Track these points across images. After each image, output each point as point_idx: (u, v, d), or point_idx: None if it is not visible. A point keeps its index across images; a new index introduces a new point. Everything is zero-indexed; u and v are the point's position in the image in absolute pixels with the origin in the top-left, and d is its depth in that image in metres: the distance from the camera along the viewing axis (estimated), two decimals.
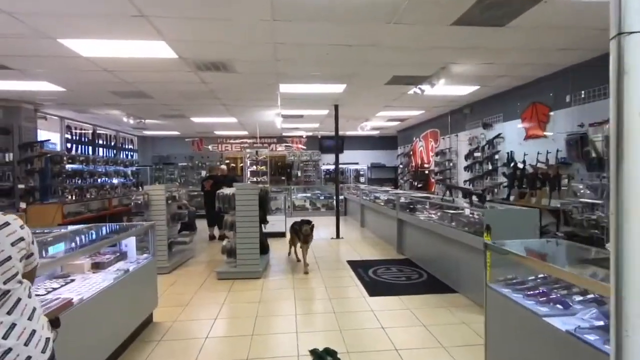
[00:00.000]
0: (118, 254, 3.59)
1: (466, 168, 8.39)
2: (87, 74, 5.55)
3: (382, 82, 6.30)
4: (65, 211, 6.67)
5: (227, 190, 5.48)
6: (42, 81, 5.97)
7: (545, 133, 6.01)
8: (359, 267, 5.74)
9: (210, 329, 3.62)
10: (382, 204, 8.12)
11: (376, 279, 5.17)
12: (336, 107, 8.36)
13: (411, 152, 12.38)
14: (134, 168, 12.97)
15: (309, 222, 5.83)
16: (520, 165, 6.38)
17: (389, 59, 5.08)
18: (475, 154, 8.01)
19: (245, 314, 3.97)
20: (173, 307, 4.21)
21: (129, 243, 3.73)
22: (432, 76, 5.81)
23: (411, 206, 6.65)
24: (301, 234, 5.70)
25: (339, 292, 4.66)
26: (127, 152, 12.94)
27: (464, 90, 6.99)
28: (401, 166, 13.53)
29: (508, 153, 6.92)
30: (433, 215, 5.71)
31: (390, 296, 4.44)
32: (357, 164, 15.31)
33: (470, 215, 4.87)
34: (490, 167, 7.49)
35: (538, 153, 5.98)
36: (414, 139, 12.12)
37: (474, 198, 5.00)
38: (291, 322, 3.75)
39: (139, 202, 5.41)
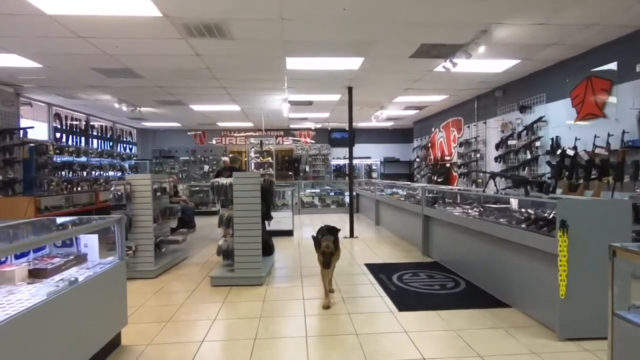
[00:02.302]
0: (72, 256, 2.72)
1: (497, 159, 7.40)
2: (60, 43, 4.71)
3: (407, 53, 5.35)
4: (41, 205, 5.84)
5: (223, 180, 4.60)
6: (11, 54, 5.14)
7: (604, 112, 5.01)
8: (381, 272, 4.81)
9: (194, 357, 2.73)
10: (403, 199, 7.18)
11: (403, 287, 4.24)
12: (350, 90, 7.43)
13: (429, 144, 11.38)
14: (132, 162, 12.25)
15: (332, 231, 3.99)
16: (571, 152, 5.38)
17: (421, 17, 4.13)
18: (510, 142, 7.01)
19: (241, 335, 3.07)
20: (151, 323, 3.33)
21: (90, 242, 2.86)
22: (468, 44, 4.84)
23: (440, 201, 5.70)
24: (319, 252, 3.76)
25: (360, 304, 3.73)
26: (125, 145, 12.22)
27: (501, 65, 6.00)
28: (417, 160, 12.53)
29: (552, 139, 5.92)
30: (470, 211, 4.75)
31: (424, 311, 3.51)
32: (369, 158, 14.38)
33: (523, 210, 3.91)
34: (528, 156, 6.49)
35: (595, 136, 4.98)
36: (433, 129, 11.12)
37: (531, 188, 4.04)
38: (301, 347, 2.84)
39: (119, 193, 4.55)
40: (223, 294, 4.08)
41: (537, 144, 6.23)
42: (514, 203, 4.36)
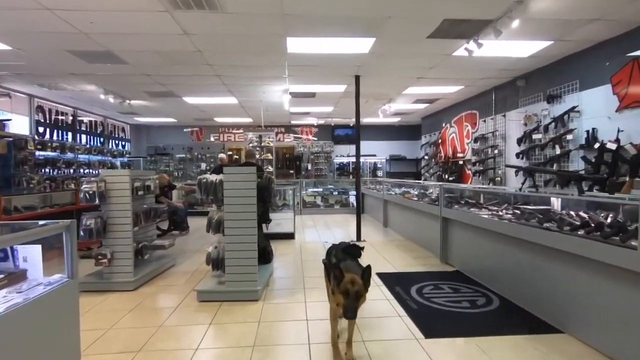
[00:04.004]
0: (2, 275, 2.06)
1: (519, 155, 6.72)
2: (24, 17, 4.06)
3: (425, 32, 4.68)
4: (11, 205, 5.19)
5: (212, 177, 3.93)
6: None
7: None
8: (396, 284, 4.14)
9: None
10: (416, 198, 6.50)
11: (425, 304, 3.57)
12: (357, 80, 6.76)
13: (439, 141, 10.70)
14: (125, 159, 11.64)
15: (354, 253, 2.74)
16: (612, 146, 4.71)
17: None
18: (534, 136, 6.33)
19: None
20: (117, 354, 2.67)
21: (31, 255, 2.21)
22: (499, 18, 4.16)
23: (461, 201, 5.03)
24: (337, 292, 2.27)
25: (377, 328, 3.07)
26: (117, 141, 11.60)
27: (529, 48, 5.32)
28: (426, 158, 11.85)
29: (588, 131, 5.24)
30: (501, 213, 4.08)
31: (457, 337, 2.84)
32: (374, 156, 13.70)
33: (572, 213, 3.24)
34: (557, 152, 5.80)
35: None
36: (444, 124, 10.44)
37: (585, 186, 3.38)
38: None
39: (90, 192, 3.89)
40: (211, 312, 3.42)
41: (569, 137, 5.55)
42: (556, 204, 3.70)
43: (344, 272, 2.31)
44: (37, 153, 7.70)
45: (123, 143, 11.98)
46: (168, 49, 5.15)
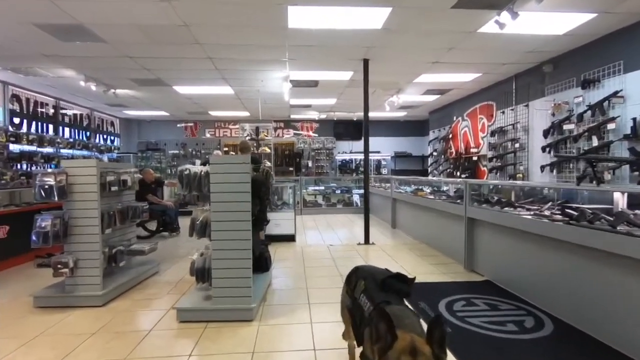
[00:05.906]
0: None
1: (546, 148, 6.03)
2: None
3: (450, 1, 3.97)
4: None
5: (196, 168, 3.22)
6: None
7: None
8: (420, 298, 3.44)
9: None
10: (431, 196, 5.81)
11: (460, 326, 2.87)
12: (366, 64, 6.07)
13: (450, 135, 10.00)
14: (113, 155, 10.93)
15: (400, 290, 1.66)
16: None
17: None
18: (565, 127, 5.63)
19: None
20: None
21: None
22: None
23: (491, 200, 4.34)
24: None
25: None
26: (105, 136, 10.87)
27: (568, 23, 4.61)
28: (435, 154, 11.16)
29: (634, 119, 4.55)
30: (546, 212, 3.39)
31: None
32: (378, 152, 12.99)
33: None
34: (595, 143, 5.10)
35: None
36: (455, 118, 9.74)
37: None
38: None
39: (46, 186, 3.18)
40: (193, 338, 2.71)
41: (611, 126, 4.85)
42: (620, 202, 3.01)
43: (395, 332, 1.24)
44: (11, 146, 6.99)
45: (112, 138, 11.26)
46: (149, 22, 4.43)
